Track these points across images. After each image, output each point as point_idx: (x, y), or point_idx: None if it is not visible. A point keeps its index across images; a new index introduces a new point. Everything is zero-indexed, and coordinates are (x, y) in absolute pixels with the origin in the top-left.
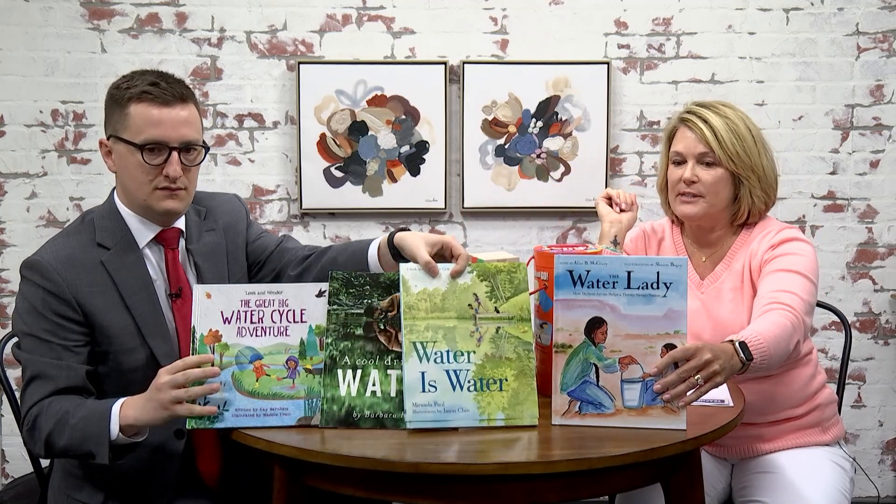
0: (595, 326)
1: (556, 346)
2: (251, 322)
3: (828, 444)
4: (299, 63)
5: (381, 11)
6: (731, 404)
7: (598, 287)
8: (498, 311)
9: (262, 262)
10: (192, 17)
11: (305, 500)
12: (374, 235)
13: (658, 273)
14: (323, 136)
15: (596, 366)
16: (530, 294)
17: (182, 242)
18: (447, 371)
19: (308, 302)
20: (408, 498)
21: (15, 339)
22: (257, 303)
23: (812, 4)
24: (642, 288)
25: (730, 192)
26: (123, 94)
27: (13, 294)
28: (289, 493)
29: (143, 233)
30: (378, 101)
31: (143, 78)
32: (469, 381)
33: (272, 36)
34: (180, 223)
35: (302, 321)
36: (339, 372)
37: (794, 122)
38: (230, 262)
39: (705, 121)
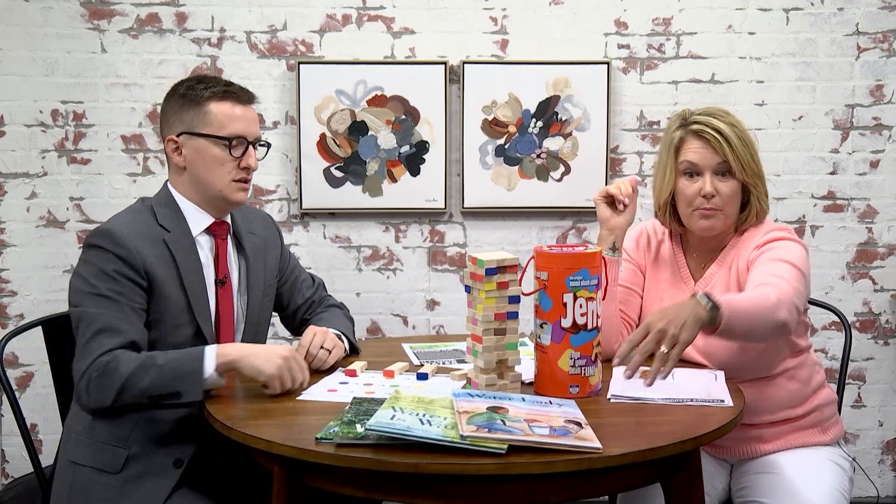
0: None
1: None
2: None
3: (827, 444)
4: (299, 63)
5: (381, 11)
6: (731, 404)
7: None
8: None
9: (300, 305)
10: (192, 17)
11: (305, 500)
12: (374, 235)
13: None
14: (323, 136)
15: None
16: (529, 294)
17: (229, 236)
18: (419, 418)
19: None
20: (408, 498)
21: (13, 340)
22: None
23: (812, 4)
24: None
25: (739, 200)
26: (201, 94)
27: (13, 294)
28: (289, 493)
29: (198, 221)
30: (378, 101)
31: (214, 81)
32: (440, 424)
33: (272, 36)
34: (227, 218)
35: None
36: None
37: (794, 122)
38: (265, 270)
39: (718, 130)
